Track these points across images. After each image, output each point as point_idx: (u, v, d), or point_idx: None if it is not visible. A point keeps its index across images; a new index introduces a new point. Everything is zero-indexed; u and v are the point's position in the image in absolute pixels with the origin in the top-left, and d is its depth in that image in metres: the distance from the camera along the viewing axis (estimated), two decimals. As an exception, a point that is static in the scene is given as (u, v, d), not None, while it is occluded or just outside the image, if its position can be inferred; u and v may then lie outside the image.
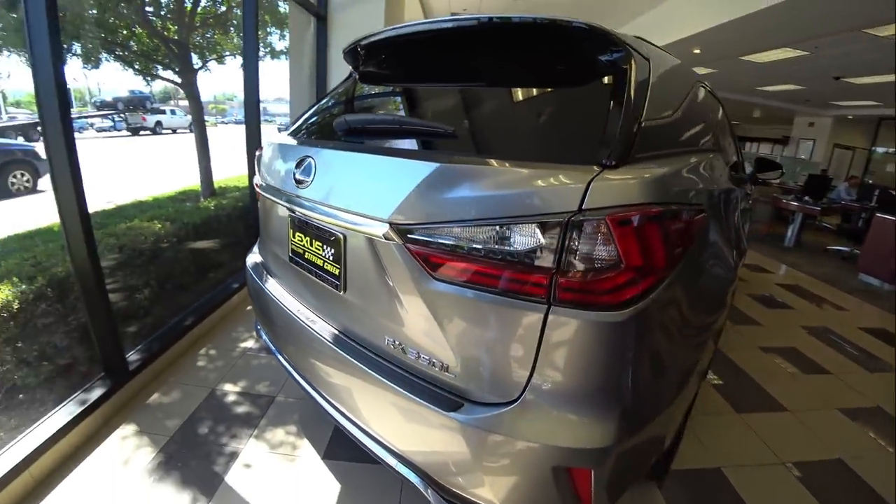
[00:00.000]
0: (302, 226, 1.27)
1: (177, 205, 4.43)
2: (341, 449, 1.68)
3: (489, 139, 1.14)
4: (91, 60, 5.13)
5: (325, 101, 1.67)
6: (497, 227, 0.85)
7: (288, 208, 1.29)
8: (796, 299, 3.98)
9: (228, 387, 2.05)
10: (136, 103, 16.62)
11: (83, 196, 1.63)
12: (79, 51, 5.02)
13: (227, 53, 5.99)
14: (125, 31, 5.32)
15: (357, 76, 1.60)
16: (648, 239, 0.82)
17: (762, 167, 3.37)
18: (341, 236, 1.11)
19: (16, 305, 1.82)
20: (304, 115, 1.67)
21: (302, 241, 1.28)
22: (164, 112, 17.36)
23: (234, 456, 1.63)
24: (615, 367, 0.86)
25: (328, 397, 1.26)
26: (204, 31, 5.87)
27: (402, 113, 1.45)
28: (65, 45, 4.76)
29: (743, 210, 2.06)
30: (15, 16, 4.52)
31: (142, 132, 16.60)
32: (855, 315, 3.71)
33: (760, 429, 2.02)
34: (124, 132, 16.50)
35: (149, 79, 6.45)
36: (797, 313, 3.64)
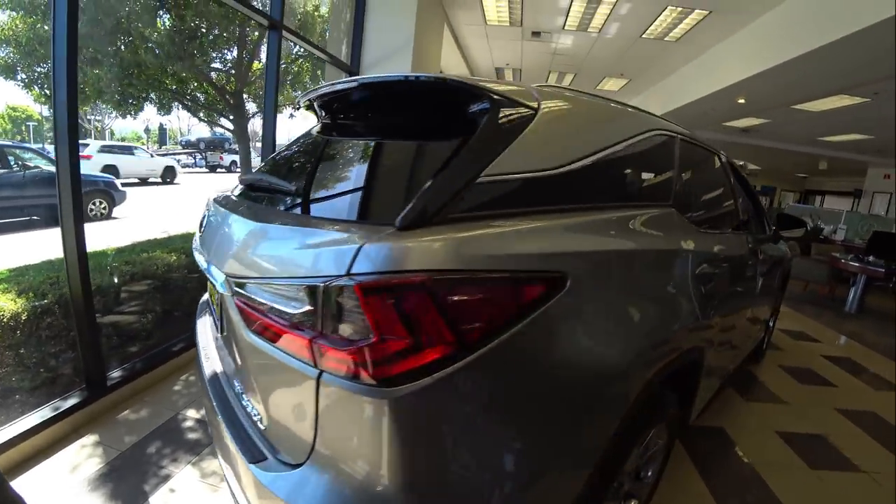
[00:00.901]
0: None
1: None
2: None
3: (326, 198, 1.18)
4: (164, 108, 5.95)
5: (277, 154, 1.71)
6: (282, 287, 0.86)
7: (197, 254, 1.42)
8: (842, 375, 3.44)
9: (191, 413, 2.15)
10: (216, 144, 18.67)
11: (83, 236, 1.93)
12: (155, 98, 5.85)
13: (280, 104, 6.71)
14: (195, 83, 6.14)
15: (318, 129, 1.73)
16: (417, 310, 0.75)
17: (784, 224, 3.12)
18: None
19: (24, 317, 2.08)
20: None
21: (209, 284, 1.40)
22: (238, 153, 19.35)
23: (166, 478, 1.69)
24: (399, 450, 0.77)
25: (210, 429, 1.32)
26: (262, 85, 6.64)
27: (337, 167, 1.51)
28: (143, 95, 5.59)
29: (718, 273, 1.77)
30: (98, 71, 5.40)
31: (218, 170, 18.56)
32: (917, 400, 3.10)
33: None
34: (204, 169, 18.53)
35: (211, 124, 7.31)
36: (838, 392, 3.11)
